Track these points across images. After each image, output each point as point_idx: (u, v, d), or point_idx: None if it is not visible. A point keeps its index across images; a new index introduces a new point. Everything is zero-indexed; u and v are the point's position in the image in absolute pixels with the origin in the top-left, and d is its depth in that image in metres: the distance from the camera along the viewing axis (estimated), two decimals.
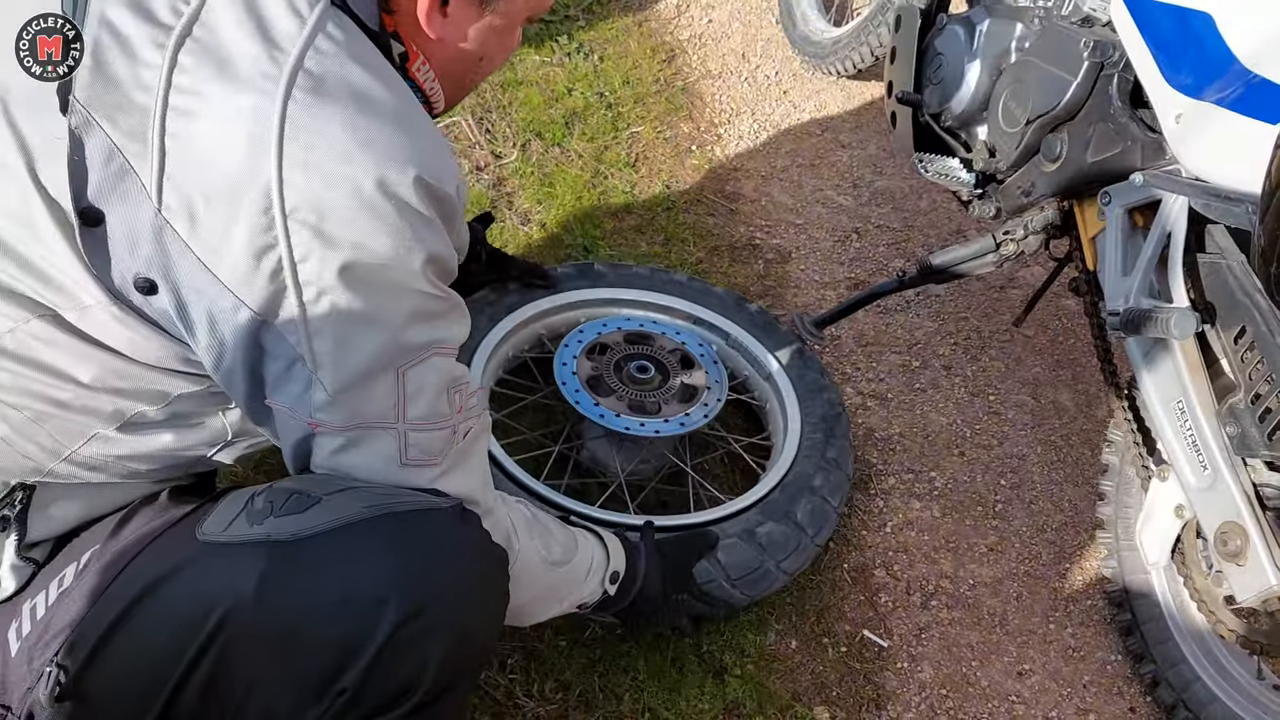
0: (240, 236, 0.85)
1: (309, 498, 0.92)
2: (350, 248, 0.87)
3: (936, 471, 1.97)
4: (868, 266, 2.39)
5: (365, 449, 0.96)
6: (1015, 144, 1.66)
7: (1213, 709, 1.56)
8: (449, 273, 0.97)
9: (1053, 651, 1.73)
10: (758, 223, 2.45)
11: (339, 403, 0.92)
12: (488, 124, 2.46)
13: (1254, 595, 1.36)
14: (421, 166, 0.89)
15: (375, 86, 0.90)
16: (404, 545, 0.91)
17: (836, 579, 1.75)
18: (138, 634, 0.90)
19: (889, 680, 1.64)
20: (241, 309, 0.87)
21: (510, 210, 2.28)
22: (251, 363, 0.91)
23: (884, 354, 2.19)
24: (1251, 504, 1.37)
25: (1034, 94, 1.61)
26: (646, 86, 2.76)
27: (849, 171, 2.66)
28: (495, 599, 1.01)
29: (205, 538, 0.92)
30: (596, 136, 2.53)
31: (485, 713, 1.46)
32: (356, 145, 0.86)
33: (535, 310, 1.85)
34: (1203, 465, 1.42)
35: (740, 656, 1.60)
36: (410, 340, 0.94)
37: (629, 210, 2.37)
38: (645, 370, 1.75)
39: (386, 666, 0.88)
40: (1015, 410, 2.12)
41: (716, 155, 2.64)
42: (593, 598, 1.33)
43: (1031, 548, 1.88)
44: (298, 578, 0.88)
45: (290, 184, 0.84)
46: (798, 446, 1.75)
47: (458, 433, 1.01)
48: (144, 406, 0.96)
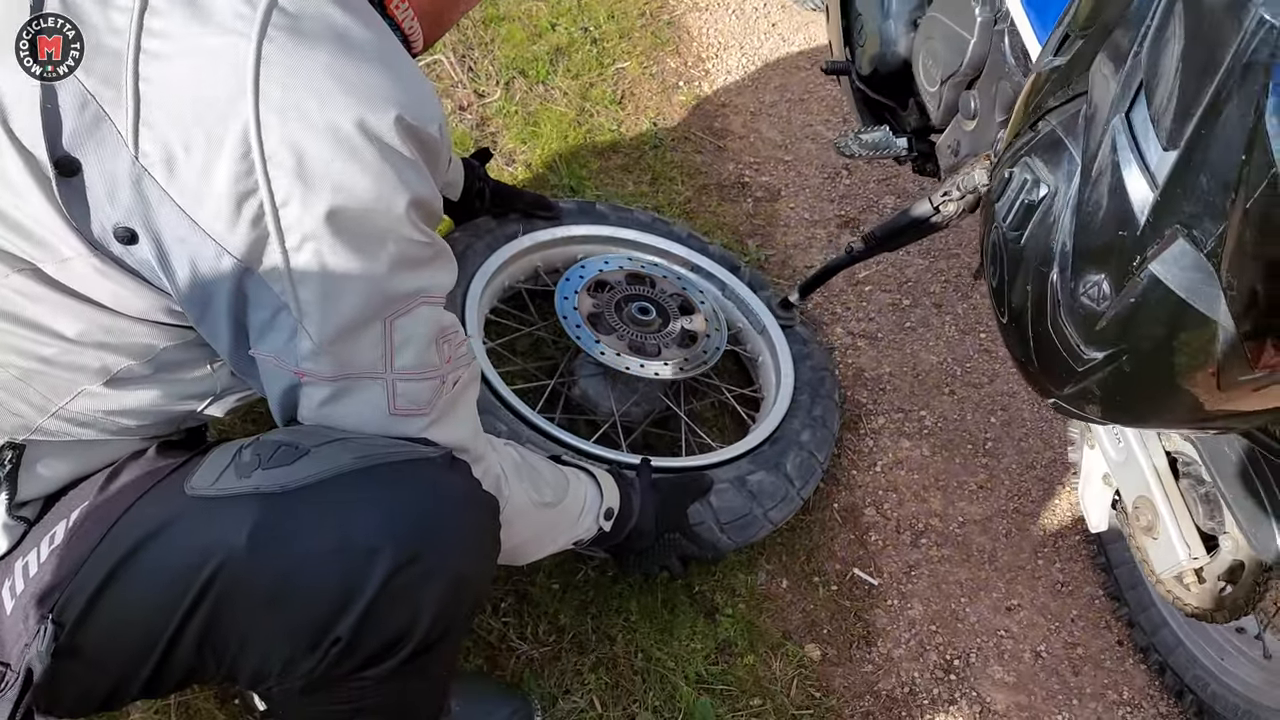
0: (220, 182, 0.83)
1: (297, 449, 0.91)
2: (331, 191, 0.85)
3: (926, 410, 1.97)
4: (858, 203, 2.36)
5: (353, 399, 0.95)
6: (937, 104, 1.64)
7: (1179, 653, 1.58)
8: (434, 215, 0.96)
9: (1041, 587, 1.75)
10: (746, 160, 2.42)
11: (326, 351, 0.91)
12: (470, 62, 2.40)
13: (1167, 569, 1.34)
14: (403, 106, 0.87)
15: (353, 25, 0.88)
16: (395, 494, 0.91)
17: (826, 519, 1.76)
18: (130, 590, 0.90)
19: (879, 617, 1.66)
20: (224, 256, 0.86)
21: (495, 150, 2.24)
22: (235, 311, 0.90)
23: (874, 293, 2.18)
24: (1161, 479, 1.33)
25: (943, 53, 1.58)
26: (632, 21, 2.70)
27: (839, 106, 2.62)
28: (487, 545, 1.01)
29: (194, 492, 0.91)
30: (581, 73, 2.48)
31: (479, 655, 1.47)
32: (336, 86, 0.84)
33: (533, 241, 1.83)
34: (1117, 438, 1.39)
35: (731, 596, 1.61)
36: (396, 287, 0.92)
37: (615, 149, 2.33)
38: (646, 312, 1.74)
39: (381, 615, 0.88)
40: (1005, 348, 2.11)
41: (704, 91, 2.59)
42: (588, 534, 1.33)
43: (1021, 485, 1.88)
44: (288, 529, 0.88)
45: (268, 126, 0.82)
46: (790, 400, 1.76)
47: (446, 382, 1.01)
48: (130, 361, 0.94)
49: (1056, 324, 0.94)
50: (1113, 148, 0.85)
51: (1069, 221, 0.91)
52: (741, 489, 1.56)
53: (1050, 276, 0.94)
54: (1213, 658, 1.54)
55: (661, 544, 1.46)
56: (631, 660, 1.50)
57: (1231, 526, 1.25)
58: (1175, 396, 0.88)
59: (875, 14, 1.78)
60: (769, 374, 1.85)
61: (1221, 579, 1.31)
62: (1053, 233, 0.94)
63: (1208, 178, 0.76)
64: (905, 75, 1.79)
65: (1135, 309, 0.84)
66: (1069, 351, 0.94)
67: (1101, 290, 0.88)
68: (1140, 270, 0.82)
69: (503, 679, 1.45)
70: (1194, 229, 0.78)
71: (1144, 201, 0.82)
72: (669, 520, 1.46)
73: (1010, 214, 0.98)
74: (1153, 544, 1.35)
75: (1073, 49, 0.96)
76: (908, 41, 1.74)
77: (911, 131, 1.80)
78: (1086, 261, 0.89)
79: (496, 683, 1.43)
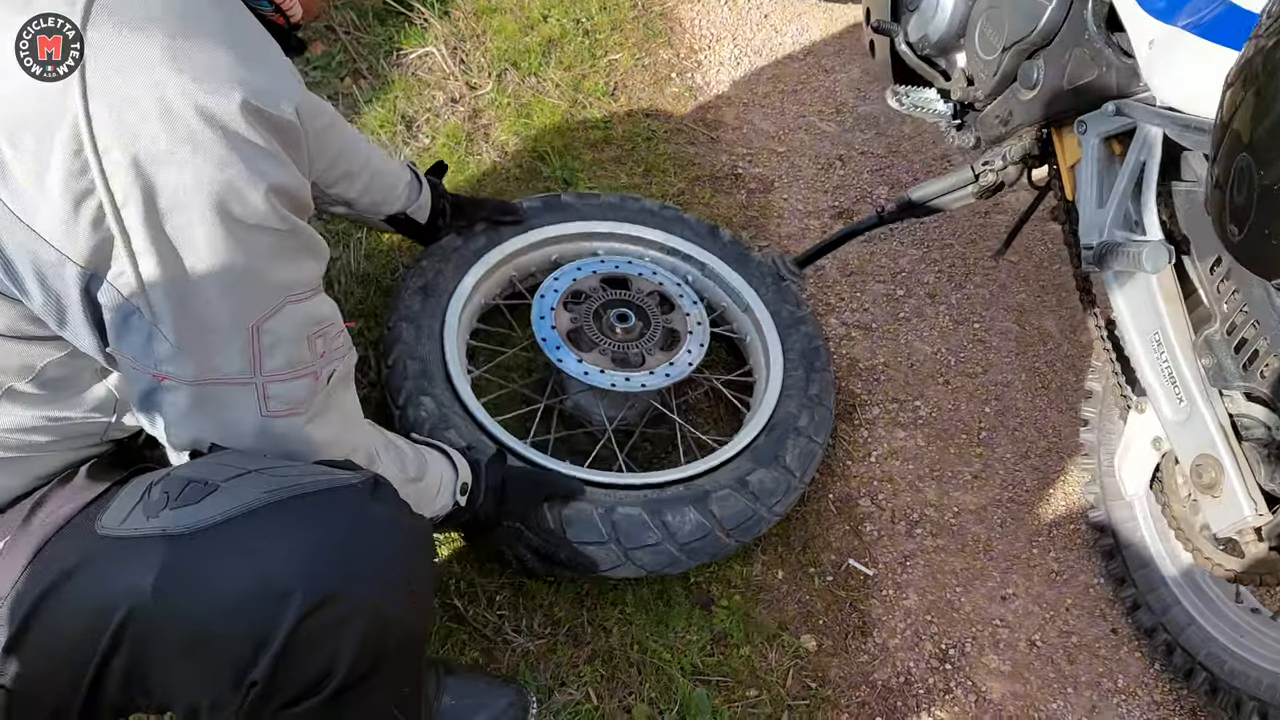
0: (55, 183, 0.77)
1: (206, 485, 0.87)
2: (172, 187, 0.79)
3: (921, 400, 1.97)
4: (851, 194, 2.36)
5: (219, 404, 0.91)
6: (992, 72, 1.63)
7: (1191, 632, 1.58)
8: (300, 205, 0.90)
9: (1036, 576, 1.75)
10: (739, 151, 2.41)
11: (185, 354, 0.87)
12: (461, 54, 2.39)
13: (1229, 526, 1.37)
14: (249, 89, 0.81)
15: (195, 2, 0.82)
16: (308, 530, 0.87)
17: (822, 510, 1.76)
18: (49, 628, 0.88)
19: (875, 607, 1.66)
20: (66, 264, 0.81)
21: (487, 143, 2.23)
22: (92, 316, 0.86)
23: (868, 283, 2.18)
24: (1227, 436, 1.36)
25: (1009, 19, 1.57)
26: (624, 12, 2.69)
27: (832, 97, 2.62)
28: (416, 576, 0.96)
29: (103, 531, 0.88)
30: (574, 65, 2.47)
31: (475, 648, 1.47)
32: (170, 69, 0.78)
33: (502, 254, 1.80)
34: (1179, 398, 1.41)
35: (727, 588, 1.61)
36: (257, 283, 0.87)
37: (608, 141, 2.32)
38: (626, 319, 1.70)
39: (296, 658, 0.85)
40: (1000, 337, 2.12)
41: (697, 83, 2.58)
42: (445, 508, 1.30)
43: (1015, 474, 1.89)
44: (196, 573, 0.84)
45: (99, 120, 0.76)
46: (781, 381, 1.74)
47: (320, 377, 0.97)
48: (11, 381, 0.90)
49: None
50: None
51: None
52: (743, 491, 1.55)
53: None
54: (1230, 635, 1.54)
55: (503, 531, 1.42)
56: (627, 652, 1.50)
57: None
58: None
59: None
60: (758, 354, 1.83)
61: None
62: None
63: None
64: (953, 43, 1.78)
65: None
66: None
67: None
68: None
69: (498, 671, 1.45)
70: None
71: None
72: (512, 511, 1.41)
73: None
74: (1213, 502, 1.38)
75: None
76: (966, 8, 1.73)
77: (955, 100, 1.79)
78: None
79: (492, 675, 1.42)
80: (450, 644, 1.47)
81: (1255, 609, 1.56)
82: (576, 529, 1.44)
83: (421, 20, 2.40)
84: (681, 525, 1.47)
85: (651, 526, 1.46)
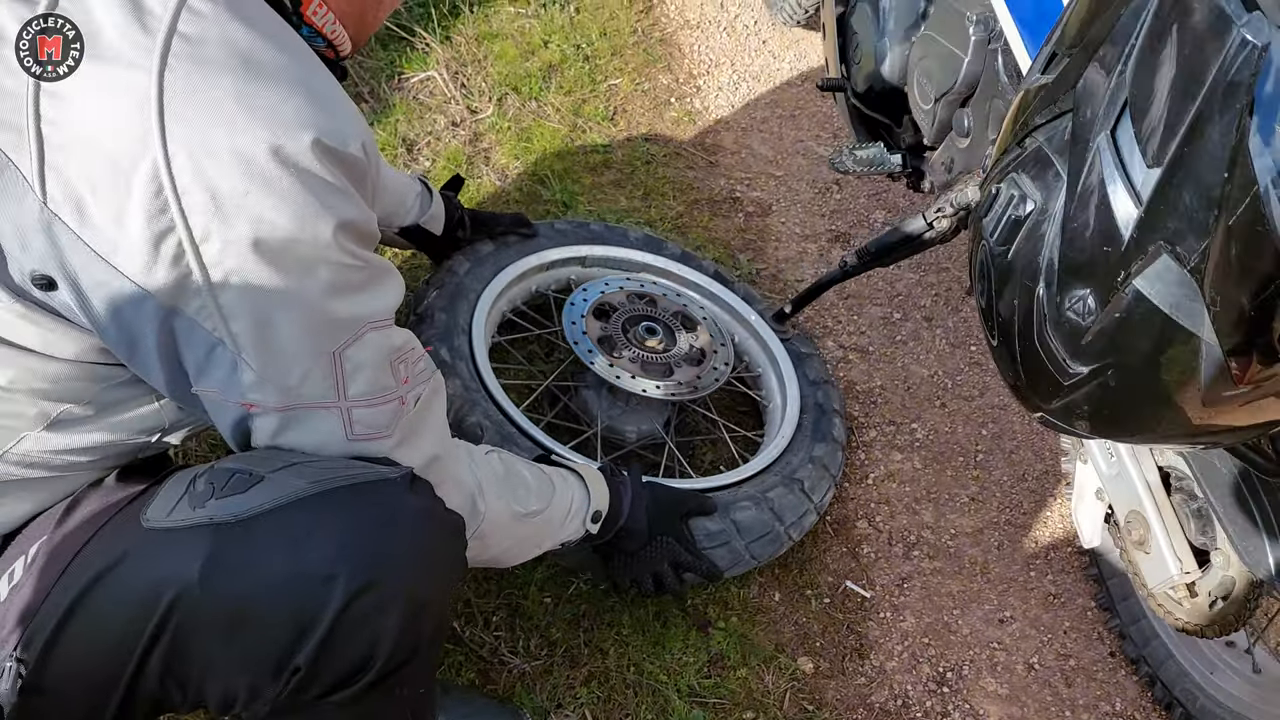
0: (134, 223, 0.80)
1: (252, 476, 0.89)
2: (250, 223, 0.82)
3: (918, 423, 1.98)
4: (848, 218, 2.38)
5: (306, 428, 0.93)
6: (930, 121, 1.65)
7: (1169, 666, 1.59)
8: (367, 237, 0.92)
9: (1033, 599, 1.75)
10: (738, 175, 2.43)
11: (270, 381, 0.89)
12: (463, 78, 2.42)
13: (1159, 584, 1.34)
14: (319, 129, 0.84)
15: (262, 45, 0.84)
16: (351, 520, 0.89)
17: (818, 531, 1.76)
18: (90, 625, 0.89)
19: (872, 630, 1.66)
20: (146, 299, 0.83)
21: (487, 166, 2.25)
22: (166, 351, 0.88)
23: (865, 306, 2.19)
24: (1153, 493, 1.33)
25: (937, 71, 1.59)
26: (624, 38, 2.72)
27: (829, 122, 2.64)
28: (448, 567, 0.98)
29: (149, 524, 0.89)
30: (574, 90, 2.50)
31: (471, 669, 1.47)
32: (244, 113, 0.81)
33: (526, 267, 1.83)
34: (1110, 452, 1.39)
35: (724, 610, 1.61)
36: (335, 314, 0.90)
37: (608, 164, 2.34)
38: (654, 332, 1.74)
39: (339, 643, 0.86)
40: None
41: (695, 107, 2.61)
42: (574, 537, 1.32)
43: (1012, 497, 1.89)
44: (243, 559, 0.86)
45: (178, 162, 0.79)
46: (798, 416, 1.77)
47: (406, 402, 0.99)
48: (68, 405, 0.92)
49: (1043, 338, 0.95)
50: (1098, 165, 0.86)
51: (1055, 237, 0.92)
52: (763, 506, 1.57)
53: (1036, 291, 0.95)
54: (1202, 671, 1.54)
55: (654, 547, 1.44)
56: (624, 674, 1.50)
57: (1223, 542, 1.26)
58: (1161, 411, 0.89)
59: (870, 33, 1.80)
60: (772, 387, 1.86)
61: (1213, 594, 1.31)
62: (1039, 248, 0.95)
63: (1191, 195, 0.77)
64: (899, 93, 1.81)
65: (1120, 324, 0.85)
66: (1055, 366, 0.95)
67: (1087, 305, 0.89)
68: (1125, 286, 0.83)
69: (494, 693, 1.45)
70: (1178, 245, 0.79)
71: (1128, 218, 0.83)
72: (662, 524, 1.44)
73: (997, 229, 0.99)
74: (1145, 558, 1.35)
75: (1060, 67, 0.97)
76: (902, 60, 1.75)
77: (905, 149, 1.81)
78: (1072, 276, 0.90)
79: (488, 697, 1.42)
80: (447, 665, 1.46)
81: (1229, 642, 1.55)
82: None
83: (423, 45, 2.43)
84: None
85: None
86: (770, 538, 1.57)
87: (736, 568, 1.55)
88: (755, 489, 1.60)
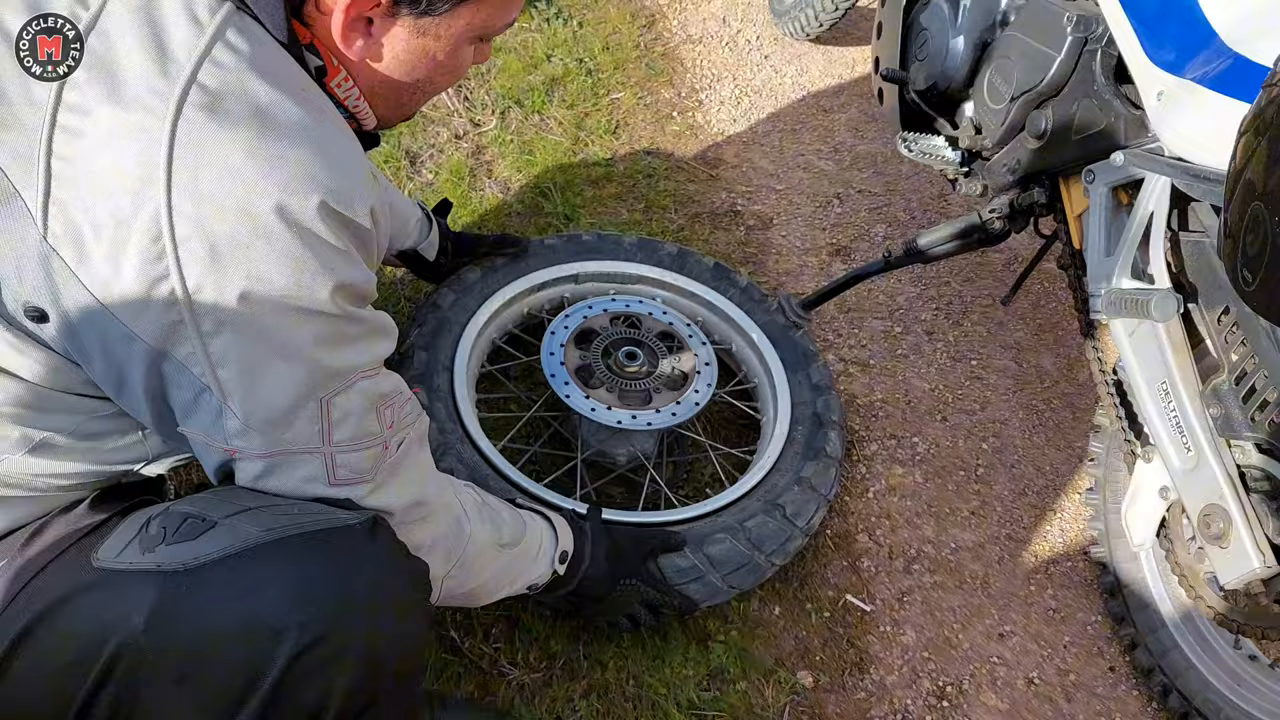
0: (130, 267, 0.80)
1: (204, 521, 0.88)
2: (246, 278, 0.82)
3: (919, 437, 1.98)
4: (849, 232, 2.38)
5: (289, 473, 0.93)
6: (1001, 120, 1.64)
7: (1189, 676, 1.57)
8: (364, 297, 0.92)
9: (1034, 614, 1.75)
10: (739, 189, 2.44)
11: (255, 429, 0.89)
12: (466, 91, 2.43)
13: (1236, 578, 1.35)
14: (327, 191, 0.84)
15: (281, 101, 0.84)
16: (303, 570, 0.87)
17: (819, 545, 1.76)
18: (36, 656, 0.87)
19: (872, 644, 1.65)
20: (135, 341, 0.83)
21: (490, 179, 2.26)
22: (153, 391, 0.88)
23: (866, 320, 2.19)
24: (1235, 486, 1.35)
25: (1019, 70, 1.59)
26: (627, 52, 2.73)
27: (830, 136, 2.65)
28: (409, 618, 0.95)
29: (99, 564, 0.88)
30: (577, 103, 2.51)
31: (470, 682, 1.46)
32: (253, 168, 0.81)
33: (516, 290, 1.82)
34: (1187, 447, 1.40)
35: (724, 623, 1.61)
36: (325, 367, 0.89)
37: (610, 178, 2.35)
38: (634, 357, 1.72)
39: (287, 698, 0.84)
40: (997, 375, 2.13)
41: (697, 121, 2.62)
42: (542, 579, 1.32)
43: (1013, 511, 1.89)
44: (189, 609, 0.84)
45: (180, 211, 0.79)
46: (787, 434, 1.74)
47: (390, 447, 0.98)
48: (50, 432, 0.92)
49: None
50: None
51: None
52: (739, 537, 1.53)
53: None
54: (1229, 683, 1.54)
55: (621, 590, 1.43)
56: (623, 687, 1.50)
57: None
58: None
59: (942, 30, 1.79)
60: (766, 400, 1.84)
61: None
62: None
63: None
64: (962, 91, 1.80)
65: None
66: None
67: None
68: None
69: (493, 705, 1.44)
70: None
71: None
72: (625, 567, 1.43)
73: None
74: (1221, 553, 1.36)
75: None
76: (973, 58, 1.75)
77: (963, 148, 1.81)
78: None
79: (487, 708, 1.42)
80: (445, 676, 1.46)
81: (1253, 656, 1.55)
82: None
83: None
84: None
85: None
86: (749, 568, 1.53)
87: (716, 598, 1.53)
88: (733, 518, 1.56)
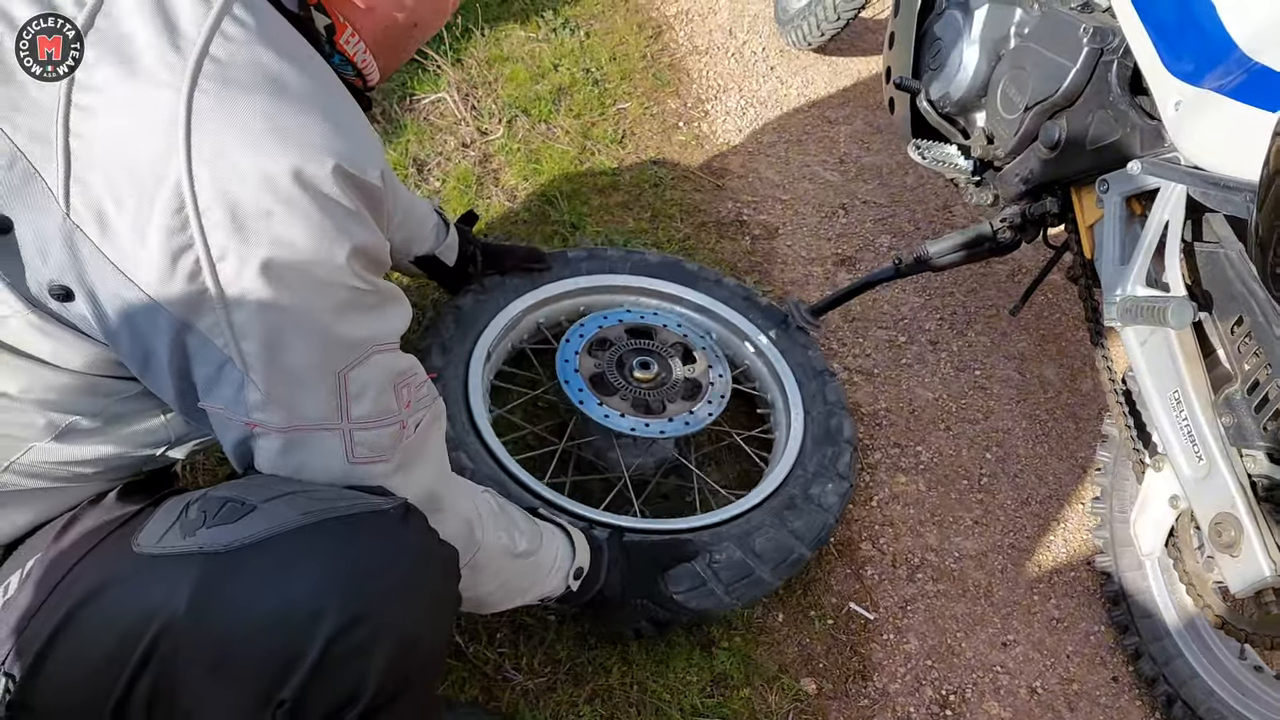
0: (154, 239, 0.82)
1: (243, 505, 0.89)
2: (269, 244, 0.83)
3: (922, 446, 1.99)
4: (854, 242, 2.39)
5: (309, 450, 0.94)
6: (1014, 130, 1.64)
7: (1194, 685, 1.58)
8: (379, 263, 0.94)
9: (1037, 623, 1.75)
10: (745, 199, 2.45)
11: (275, 402, 0.90)
12: (473, 100, 2.45)
13: (1247, 586, 1.35)
14: (341, 155, 0.86)
15: (290, 71, 0.86)
16: (341, 552, 0.88)
17: (823, 553, 1.76)
18: (77, 645, 0.89)
19: (875, 651, 1.66)
20: (161, 312, 0.85)
21: (496, 187, 2.27)
22: (178, 365, 0.89)
23: (870, 329, 2.20)
24: (1247, 495, 1.35)
25: (1033, 80, 1.59)
26: (633, 62, 2.75)
27: (835, 147, 2.66)
28: (441, 602, 0.97)
29: (139, 549, 0.89)
30: (583, 113, 2.52)
31: (475, 686, 1.47)
32: (269, 136, 0.83)
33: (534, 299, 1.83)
34: (1198, 456, 1.40)
35: (728, 630, 1.61)
36: (344, 337, 0.91)
37: (616, 187, 2.36)
38: (648, 366, 1.73)
39: (326, 678, 0.85)
40: (1001, 385, 2.13)
41: (703, 131, 2.63)
42: (555, 591, 1.33)
43: (1016, 520, 1.89)
44: (231, 591, 0.85)
45: (201, 181, 0.81)
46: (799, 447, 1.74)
47: (407, 426, 0.99)
48: (76, 416, 0.93)
49: None
50: None
51: None
52: (746, 548, 1.54)
53: None
54: (1233, 693, 1.54)
55: (630, 609, 1.45)
56: (627, 692, 1.50)
57: None
58: None
59: (956, 40, 1.80)
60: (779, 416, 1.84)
61: None
62: None
63: None
64: (975, 101, 1.81)
65: None
66: None
67: None
68: None
69: (497, 710, 1.45)
70: None
71: None
72: (639, 587, 1.45)
73: None
74: (1232, 562, 1.36)
75: None
76: (988, 68, 1.76)
77: (974, 158, 1.82)
78: None
79: (491, 713, 1.42)
80: (450, 681, 1.47)
81: (1258, 667, 1.56)
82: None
83: (435, 67, 2.46)
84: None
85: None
86: (751, 581, 1.54)
87: (719, 609, 1.54)
88: (740, 528, 1.57)
